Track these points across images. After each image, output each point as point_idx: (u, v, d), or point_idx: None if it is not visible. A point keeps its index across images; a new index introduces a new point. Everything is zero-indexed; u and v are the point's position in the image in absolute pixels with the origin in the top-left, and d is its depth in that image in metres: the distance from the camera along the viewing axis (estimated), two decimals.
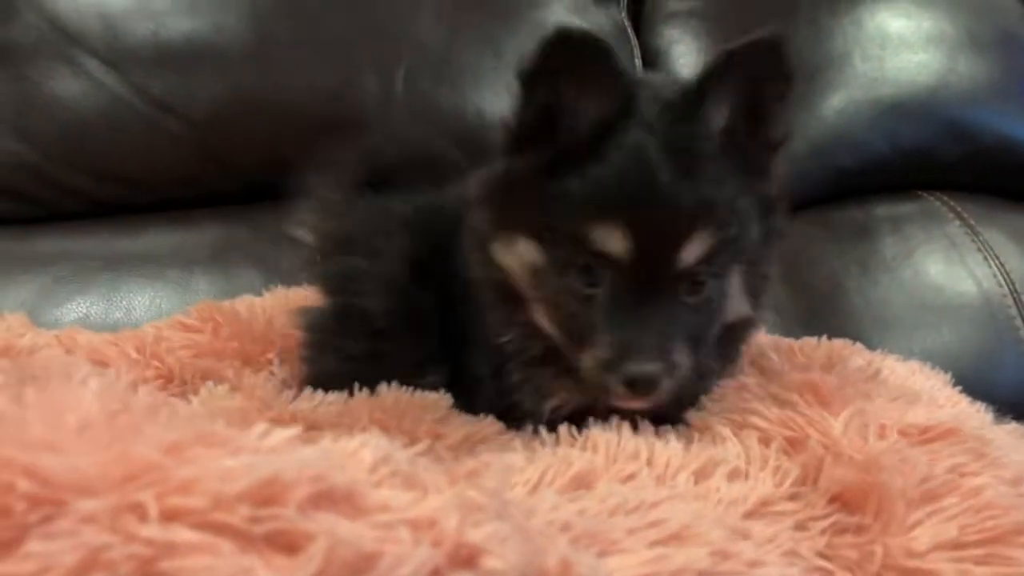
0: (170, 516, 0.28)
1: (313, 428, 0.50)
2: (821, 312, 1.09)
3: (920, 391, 0.57)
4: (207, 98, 1.04)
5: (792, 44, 0.50)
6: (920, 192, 1.24)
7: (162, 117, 1.04)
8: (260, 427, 0.33)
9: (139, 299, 0.97)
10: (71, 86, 1.01)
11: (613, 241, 0.47)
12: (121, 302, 0.96)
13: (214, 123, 1.06)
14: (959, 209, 1.21)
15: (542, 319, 0.52)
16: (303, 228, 0.77)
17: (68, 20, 1.02)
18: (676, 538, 0.37)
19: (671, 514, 0.38)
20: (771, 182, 0.53)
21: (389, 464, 0.33)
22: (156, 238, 1.03)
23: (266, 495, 0.29)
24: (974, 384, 0.96)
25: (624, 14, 1.30)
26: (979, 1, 1.38)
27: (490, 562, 0.29)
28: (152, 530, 0.27)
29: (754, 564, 0.36)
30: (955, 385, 0.69)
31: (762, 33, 0.49)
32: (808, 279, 1.11)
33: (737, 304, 0.53)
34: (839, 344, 0.70)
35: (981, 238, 1.17)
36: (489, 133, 1.13)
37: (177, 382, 0.70)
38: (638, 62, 1.28)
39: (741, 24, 1.30)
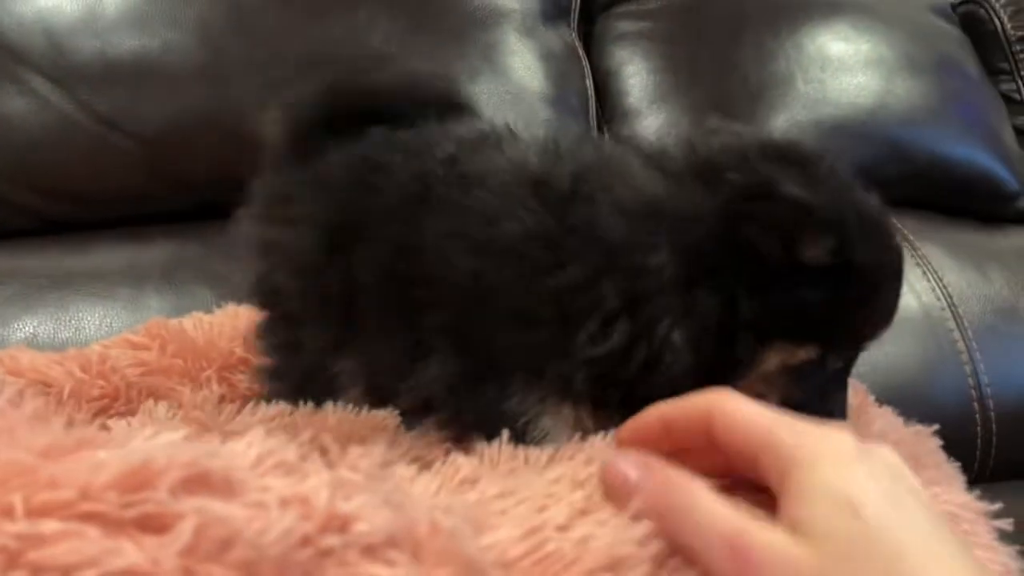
0: (38, 511, 0.29)
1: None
2: None
3: None
4: (156, 116, 1.04)
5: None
6: None
7: (110, 134, 1.03)
8: (148, 430, 0.34)
9: (89, 317, 0.96)
10: (16, 103, 1.01)
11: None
12: (70, 321, 0.95)
13: (164, 141, 1.06)
14: (899, 225, 1.24)
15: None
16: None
17: (12, 37, 1.01)
18: (541, 509, 0.38)
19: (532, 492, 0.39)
20: None
21: (274, 457, 0.34)
22: (106, 256, 1.02)
23: (136, 481, 0.30)
24: (915, 395, 0.99)
25: (575, 35, 1.32)
26: (917, 25, 1.43)
27: (360, 526, 0.30)
28: (18, 526, 0.28)
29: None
30: (897, 396, 0.72)
31: None
32: None
33: None
34: None
35: (920, 253, 1.21)
36: None
37: (123, 401, 0.69)
38: (589, 82, 1.31)
39: (690, 46, 1.34)
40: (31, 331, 0.93)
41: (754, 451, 0.38)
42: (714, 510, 0.36)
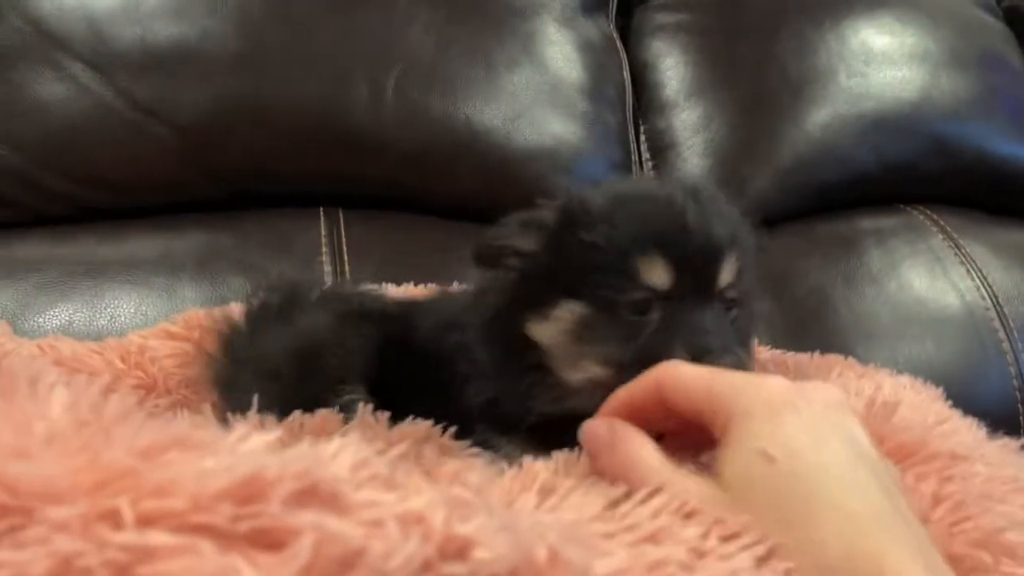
0: (146, 520, 0.27)
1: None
2: (807, 325, 1.09)
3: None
4: (194, 104, 1.03)
5: None
6: (903, 206, 1.26)
7: (147, 122, 1.02)
8: (239, 430, 0.32)
9: (124, 306, 0.95)
10: (55, 90, 1.00)
11: (658, 272, 0.52)
12: (105, 309, 0.95)
13: (200, 129, 1.05)
14: (942, 223, 1.22)
15: (573, 373, 0.54)
16: None
17: (53, 23, 1.00)
18: (651, 539, 0.37)
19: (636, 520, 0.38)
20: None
21: (369, 467, 0.32)
22: (141, 244, 1.01)
23: (247, 493, 0.28)
24: (958, 396, 0.97)
25: (612, 27, 1.30)
26: (962, 19, 1.40)
27: (480, 553, 0.28)
28: (128, 536, 0.26)
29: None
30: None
31: None
32: (794, 292, 1.12)
33: None
34: (831, 358, 0.70)
35: (964, 251, 1.18)
36: (479, 141, 1.14)
37: (161, 391, 0.68)
38: (626, 74, 1.29)
39: (728, 39, 1.32)
40: (66, 319, 0.92)
41: (699, 409, 0.42)
42: (652, 466, 0.41)
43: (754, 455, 0.38)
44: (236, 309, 0.75)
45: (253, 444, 0.32)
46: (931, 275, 1.14)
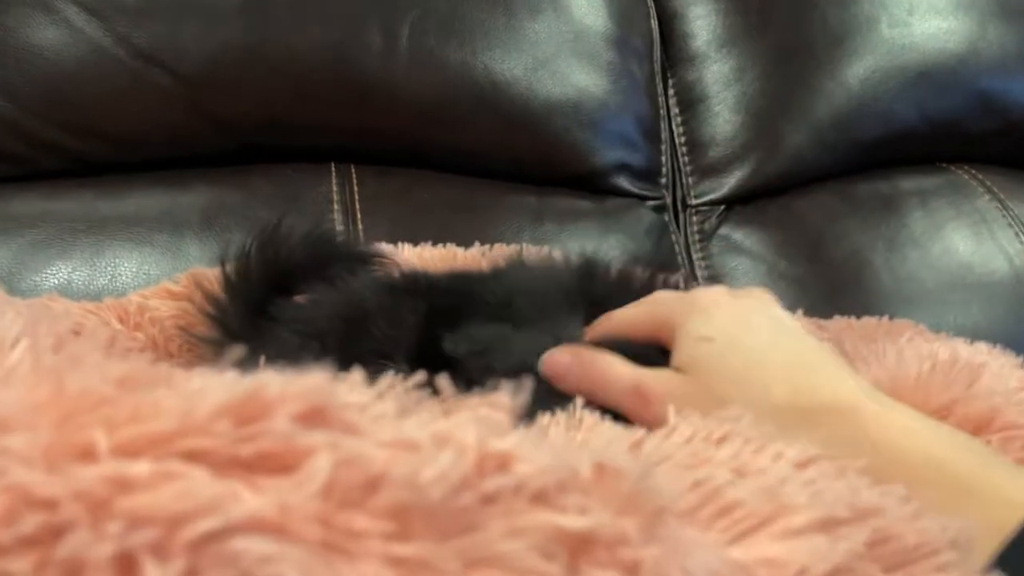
0: (125, 450, 0.22)
1: None
2: (845, 289, 1.04)
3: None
4: (197, 51, 0.97)
5: None
6: (947, 165, 1.19)
7: (149, 71, 0.97)
8: (234, 372, 0.27)
9: (125, 265, 0.90)
10: (48, 34, 0.94)
11: None
12: (106, 268, 0.90)
13: (205, 78, 0.99)
14: (988, 183, 1.16)
15: None
16: None
17: None
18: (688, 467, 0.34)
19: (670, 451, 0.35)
20: None
21: (384, 401, 0.27)
22: (143, 200, 0.96)
23: (247, 413, 0.23)
24: None
25: None
26: None
27: (522, 466, 0.24)
28: (104, 468, 0.21)
29: None
30: None
31: None
32: (832, 255, 1.06)
33: None
34: (901, 323, 0.65)
35: (1012, 213, 1.12)
36: (498, 92, 1.08)
37: (162, 354, 0.64)
38: (654, 23, 1.22)
39: None
40: (65, 278, 0.88)
41: (650, 333, 0.48)
42: (621, 370, 0.46)
43: (694, 341, 0.45)
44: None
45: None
46: (977, 238, 1.08)
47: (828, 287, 1.03)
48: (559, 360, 0.48)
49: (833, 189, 1.13)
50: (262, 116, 1.02)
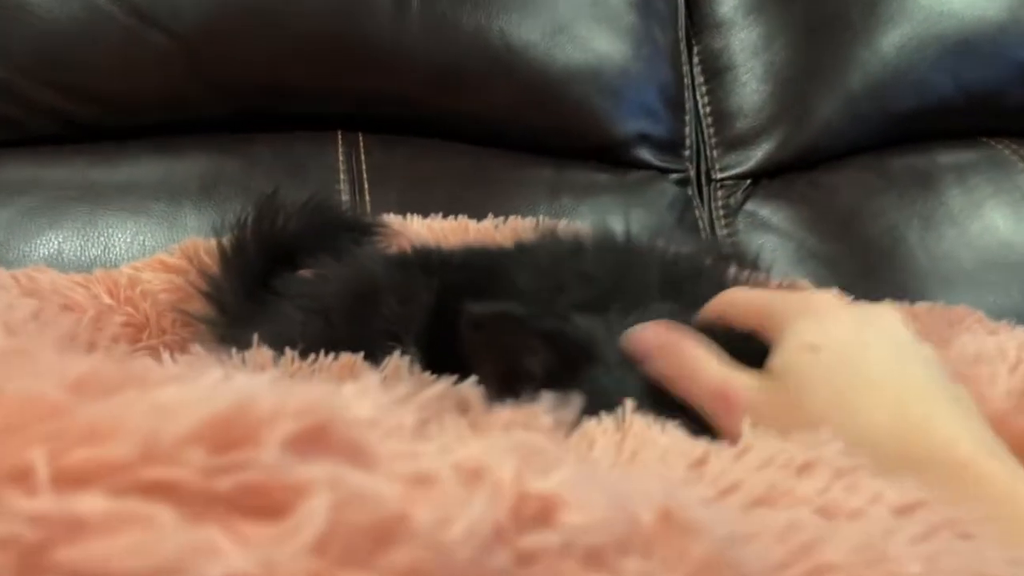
0: (73, 479, 0.17)
1: None
2: (879, 268, 0.98)
3: None
4: (195, 9, 0.92)
5: None
6: (986, 139, 1.13)
7: (145, 30, 0.91)
8: (216, 372, 0.22)
9: (119, 235, 0.85)
10: None
11: None
12: (99, 238, 0.85)
13: (204, 39, 0.94)
14: None
15: None
16: None
17: None
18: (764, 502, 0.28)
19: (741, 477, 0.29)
20: None
21: (396, 415, 0.22)
22: (139, 167, 0.91)
23: (229, 435, 0.18)
24: None
25: None
26: None
27: (570, 516, 0.19)
28: (40, 502, 0.17)
29: None
30: None
31: None
32: (866, 232, 1.01)
33: None
34: (960, 310, 0.60)
35: None
36: (514, 58, 1.02)
37: (154, 331, 0.59)
38: None
39: None
40: (56, 248, 0.83)
41: (756, 325, 0.43)
42: (709, 366, 0.41)
43: (800, 347, 0.40)
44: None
45: (241, 381, 0.22)
46: (1018, 216, 1.02)
47: (860, 266, 0.98)
48: (646, 337, 0.43)
49: (865, 163, 1.08)
50: (263, 80, 0.97)
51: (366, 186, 0.95)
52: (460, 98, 1.02)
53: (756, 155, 1.08)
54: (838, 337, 0.39)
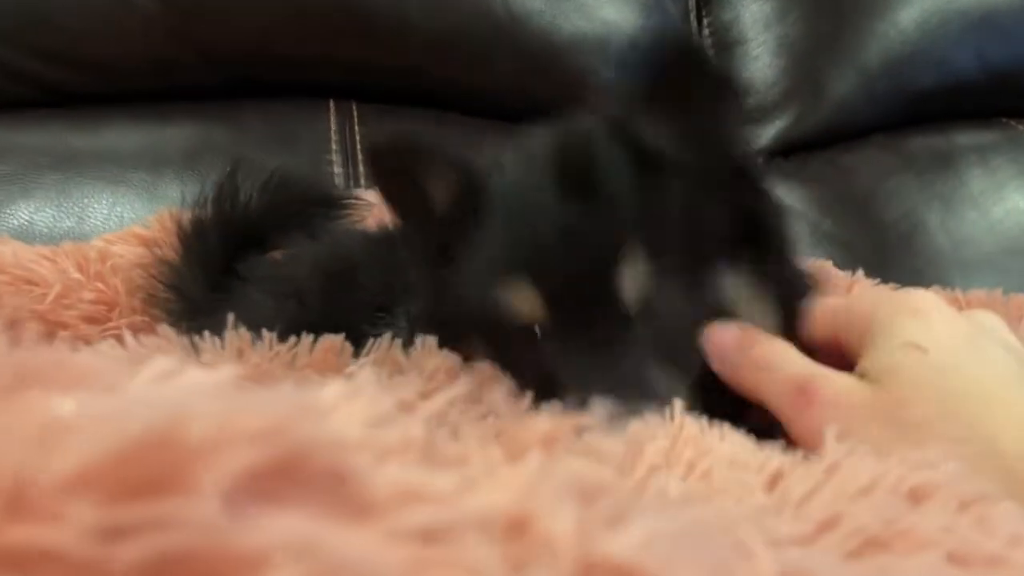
0: None
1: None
2: (897, 251, 0.94)
3: None
4: None
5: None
6: (1007, 119, 1.08)
7: None
8: (160, 363, 0.17)
9: (95, 205, 0.81)
10: None
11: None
12: (73, 208, 0.80)
13: (193, 2, 0.89)
14: None
15: None
16: None
17: None
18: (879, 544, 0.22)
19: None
20: None
21: (396, 425, 0.17)
22: (119, 135, 0.86)
23: (144, 475, 0.13)
24: None
25: None
26: None
27: None
28: None
29: None
30: None
31: None
32: (883, 214, 0.96)
33: None
34: (1020, 298, 0.55)
35: None
36: (517, 25, 0.97)
37: (124, 309, 0.54)
38: None
39: None
40: (26, 218, 0.78)
41: (834, 332, 0.39)
42: (792, 359, 0.37)
43: (903, 347, 0.35)
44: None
45: (187, 381, 0.17)
46: None
47: (877, 249, 0.94)
48: (725, 338, 0.39)
49: (882, 143, 1.03)
50: (253, 46, 0.92)
51: (359, 157, 0.90)
52: (460, 67, 0.97)
53: (769, 132, 1.03)
54: (948, 339, 0.35)
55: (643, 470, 0.23)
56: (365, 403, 0.17)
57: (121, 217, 0.79)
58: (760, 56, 1.07)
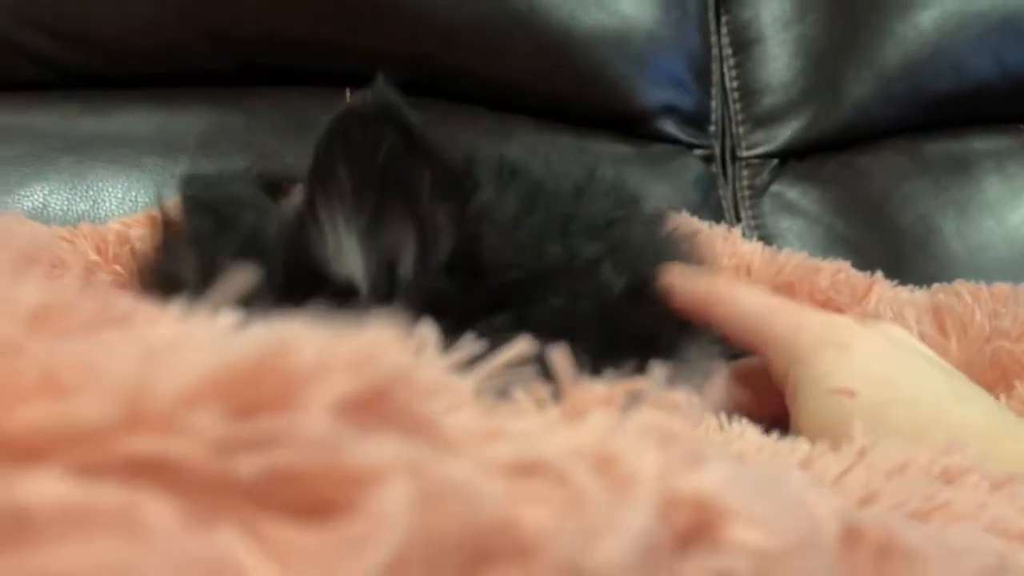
0: (19, 449, 0.12)
1: None
2: (911, 257, 0.94)
3: None
4: None
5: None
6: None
7: None
8: (231, 315, 0.17)
9: (110, 189, 0.80)
10: None
11: None
12: (87, 191, 0.79)
13: None
14: None
15: None
16: None
17: None
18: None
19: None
20: None
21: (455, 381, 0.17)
22: (133, 118, 0.85)
23: (257, 393, 0.13)
24: None
25: None
26: None
27: (740, 532, 0.13)
28: None
29: None
30: None
31: None
32: (897, 218, 0.96)
33: None
34: None
35: None
36: (536, 17, 0.97)
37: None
38: None
39: None
40: (40, 200, 0.77)
41: (754, 342, 0.38)
42: (783, 309, 0.39)
43: (829, 394, 0.33)
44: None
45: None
46: None
47: (891, 254, 0.93)
48: (687, 291, 0.40)
49: (899, 146, 1.02)
50: (266, 31, 0.91)
51: None
52: (477, 58, 0.96)
53: (784, 133, 1.03)
54: (875, 371, 0.33)
55: None
56: (428, 356, 0.17)
57: (135, 201, 0.78)
58: (778, 55, 1.06)
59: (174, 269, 0.49)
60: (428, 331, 0.17)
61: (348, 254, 0.40)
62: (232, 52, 0.92)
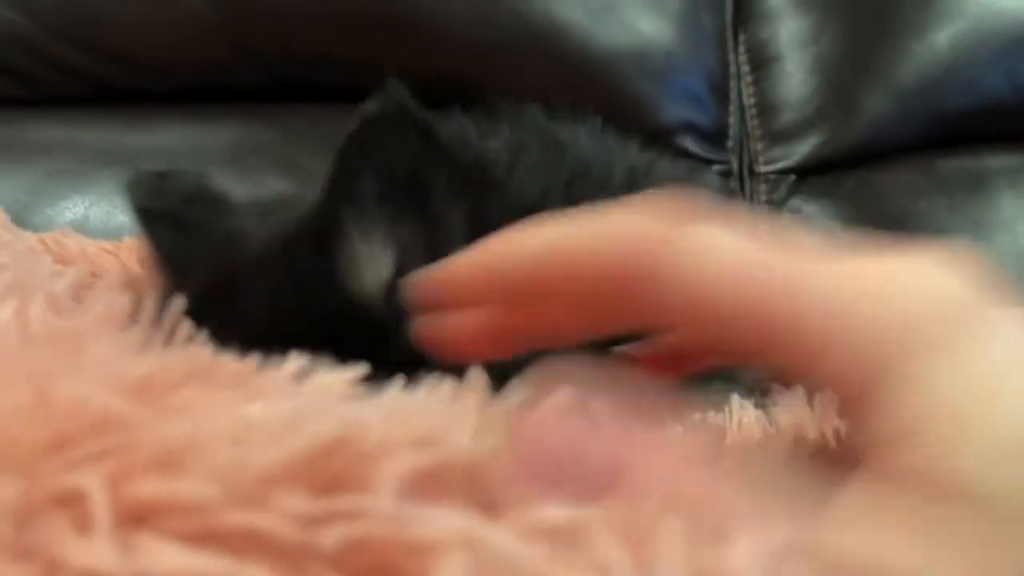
0: (136, 517, 0.14)
1: None
2: None
3: None
4: None
5: None
6: None
7: None
8: (295, 362, 0.19)
9: None
10: None
11: None
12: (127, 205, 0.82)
13: (239, 2, 0.90)
14: None
15: None
16: None
17: None
18: None
19: None
20: None
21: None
22: (170, 133, 0.88)
23: (334, 473, 0.15)
24: None
25: None
26: None
27: None
28: (98, 550, 0.13)
29: None
30: None
31: None
32: (914, 235, 0.97)
33: None
34: None
35: None
36: (556, 35, 0.99)
37: None
38: None
39: None
40: (82, 213, 0.80)
41: (757, 345, 0.20)
42: None
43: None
44: None
45: (325, 383, 0.18)
46: None
47: None
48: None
49: (914, 164, 1.04)
50: (294, 47, 0.94)
51: None
52: (499, 75, 0.99)
53: (802, 150, 1.05)
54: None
55: None
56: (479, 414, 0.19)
57: None
58: (795, 73, 1.08)
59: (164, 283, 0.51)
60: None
61: (374, 259, 0.40)
62: (264, 68, 0.94)
